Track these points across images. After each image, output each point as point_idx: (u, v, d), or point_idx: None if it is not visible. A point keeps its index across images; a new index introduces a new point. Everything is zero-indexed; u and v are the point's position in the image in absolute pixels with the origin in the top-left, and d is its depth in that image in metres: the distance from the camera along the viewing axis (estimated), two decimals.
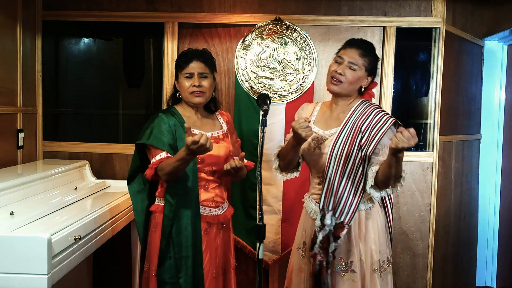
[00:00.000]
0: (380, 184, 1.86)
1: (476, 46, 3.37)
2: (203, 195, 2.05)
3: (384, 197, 2.04)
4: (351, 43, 2.03)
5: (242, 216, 2.89)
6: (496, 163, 3.50)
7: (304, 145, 2.01)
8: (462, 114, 3.30)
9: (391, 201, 2.08)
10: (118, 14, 2.94)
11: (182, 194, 1.99)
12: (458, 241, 3.31)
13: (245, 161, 2.22)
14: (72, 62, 3.08)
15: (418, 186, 2.97)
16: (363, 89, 2.06)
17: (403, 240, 2.98)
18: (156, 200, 2.09)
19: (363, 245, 1.96)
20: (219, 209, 2.11)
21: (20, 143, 2.79)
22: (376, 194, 1.89)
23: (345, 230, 1.91)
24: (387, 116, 1.96)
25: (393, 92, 2.91)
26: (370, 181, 1.87)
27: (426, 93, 3.00)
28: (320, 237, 1.92)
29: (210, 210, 2.07)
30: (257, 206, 2.78)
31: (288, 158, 2.04)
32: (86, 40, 3.07)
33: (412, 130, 1.65)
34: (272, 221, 2.87)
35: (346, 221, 1.92)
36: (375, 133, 1.91)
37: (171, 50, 2.91)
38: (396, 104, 2.93)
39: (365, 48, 2.00)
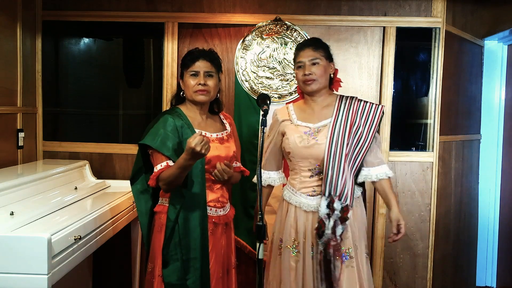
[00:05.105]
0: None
1: (476, 46, 3.37)
2: (209, 196, 2.04)
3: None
4: (299, 47, 2.10)
5: (242, 216, 2.88)
6: (496, 163, 3.50)
7: (296, 139, 2.04)
8: (462, 114, 3.30)
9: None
10: (118, 14, 2.94)
11: (189, 196, 1.97)
12: (458, 241, 3.31)
13: (239, 165, 2.21)
14: (72, 62, 3.08)
15: (418, 186, 2.97)
16: (331, 75, 2.11)
17: (403, 240, 2.97)
18: (161, 201, 2.07)
19: (356, 231, 2.04)
20: (223, 210, 2.11)
21: (20, 143, 2.79)
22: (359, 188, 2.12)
23: (350, 212, 2.00)
24: (374, 105, 2.07)
25: (393, 92, 2.90)
26: (361, 179, 2.07)
27: (426, 93, 2.99)
28: (331, 222, 1.97)
29: (216, 210, 2.07)
30: (257, 206, 2.78)
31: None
32: (86, 40, 3.07)
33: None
34: (272, 221, 2.86)
35: (350, 203, 2.00)
36: (369, 124, 2.03)
37: (171, 50, 2.91)
38: (396, 104, 2.92)
39: (313, 43, 2.09)
